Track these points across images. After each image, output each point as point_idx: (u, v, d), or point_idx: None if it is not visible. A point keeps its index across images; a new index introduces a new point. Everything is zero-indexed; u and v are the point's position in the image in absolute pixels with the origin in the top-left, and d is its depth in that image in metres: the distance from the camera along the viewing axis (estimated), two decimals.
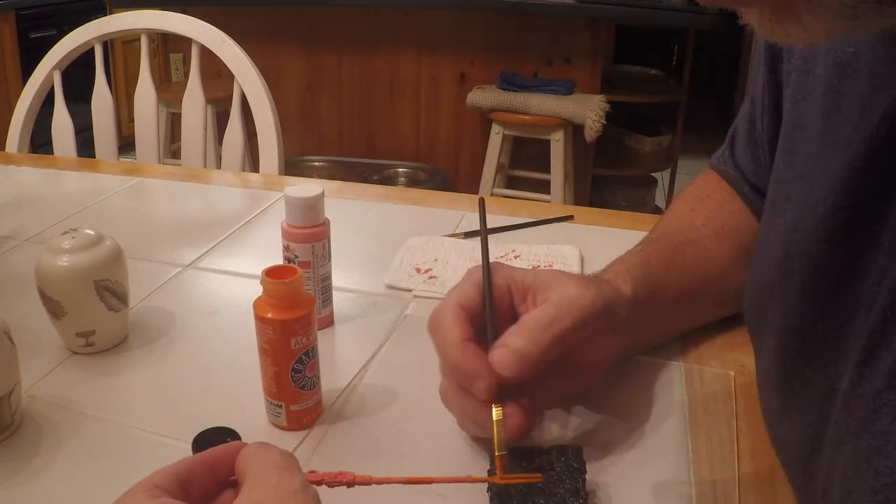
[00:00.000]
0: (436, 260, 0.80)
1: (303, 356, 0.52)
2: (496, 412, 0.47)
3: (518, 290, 0.52)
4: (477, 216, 0.56)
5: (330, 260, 0.66)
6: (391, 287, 0.75)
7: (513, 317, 0.52)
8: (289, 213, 0.63)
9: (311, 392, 0.53)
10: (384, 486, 0.39)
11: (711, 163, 0.69)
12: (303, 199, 0.62)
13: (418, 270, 0.78)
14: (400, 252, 0.82)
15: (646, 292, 0.57)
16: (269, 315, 0.51)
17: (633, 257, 0.60)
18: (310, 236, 0.64)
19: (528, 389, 0.50)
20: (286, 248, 0.64)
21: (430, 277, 0.76)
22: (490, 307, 0.51)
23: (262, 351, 0.52)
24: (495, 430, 0.46)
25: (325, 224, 0.64)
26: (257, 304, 0.51)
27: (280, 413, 0.53)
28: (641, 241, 0.64)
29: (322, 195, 0.63)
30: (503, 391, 0.48)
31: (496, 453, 0.45)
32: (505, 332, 0.49)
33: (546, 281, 0.52)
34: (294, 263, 0.64)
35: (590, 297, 0.51)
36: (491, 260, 0.53)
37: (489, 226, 0.57)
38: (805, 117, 0.43)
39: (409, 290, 0.75)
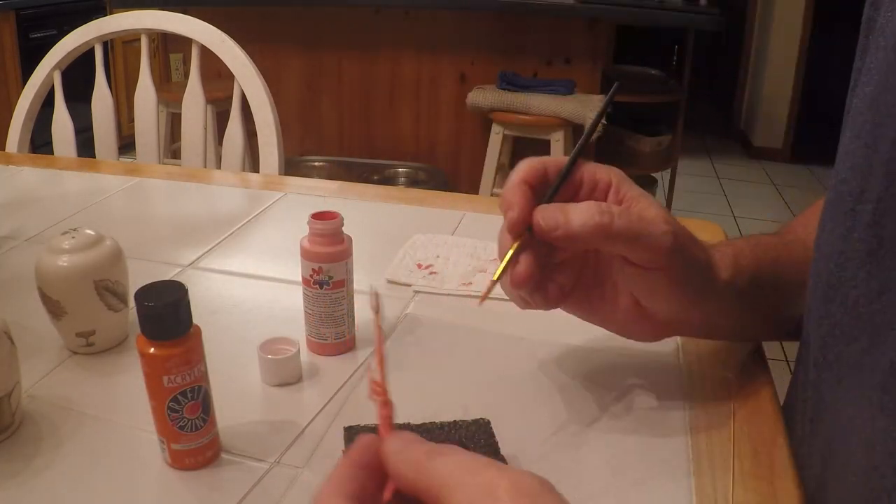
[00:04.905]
0: (437, 256, 0.80)
1: (178, 396, 0.48)
2: (514, 247, 0.48)
3: (600, 187, 0.51)
4: (477, 216, 0.56)
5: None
6: (391, 282, 0.76)
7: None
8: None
9: (193, 434, 0.50)
10: None
11: None
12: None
13: (420, 266, 0.78)
14: (403, 248, 0.82)
15: (747, 271, 0.54)
16: (147, 349, 0.48)
17: (740, 240, 0.58)
18: (343, 253, 0.61)
19: (564, 279, 0.51)
20: (317, 272, 0.61)
21: (431, 273, 0.77)
22: (567, 168, 0.50)
23: (145, 383, 0.50)
24: (504, 261, 0.48)
25: (349, 238, 0.62)
26: (139, 337, 0.48)
27: (164, 448, 0.51)
28: (733, 238, 0.61)
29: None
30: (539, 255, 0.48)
31: (493, 278, 0.48)
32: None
33: (637, 197, 0.50)
34: (329, 285, 0.61)
35: (668, 238, 0.48)
36: (490, 258, 0.53)
37: (485, 234, 0.56)
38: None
39: (409, 286, 0.75)
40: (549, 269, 0.51)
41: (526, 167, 0.50)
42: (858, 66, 0.47)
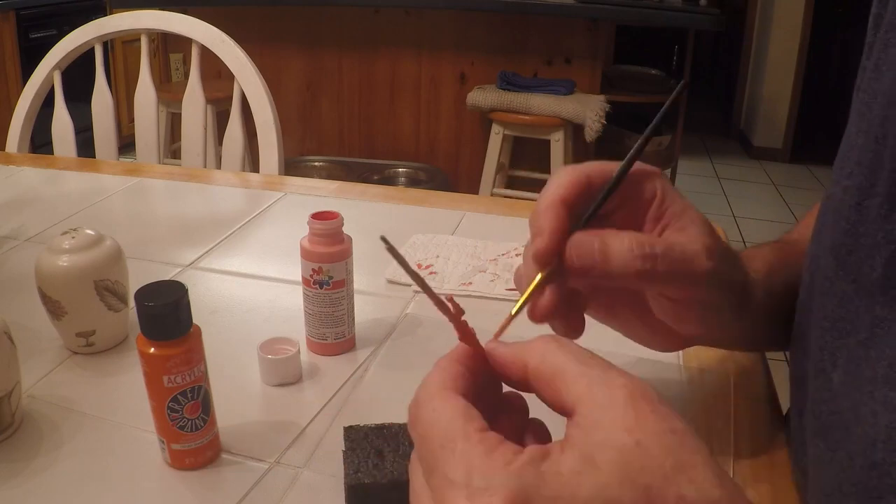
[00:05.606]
0: (437, 256, 0.80)
1: (178, 396, 0.48)
2: (538, 279, 0.43)
3: (645, 197, 0.49)
4: (477, 216, 0.56)
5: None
6: (391, 282, 0.76)
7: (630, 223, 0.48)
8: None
9: (193, 434, 0.50)
10: None
11: None
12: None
13: (420, 266, 0.78)
14: (403, 248, 0.82)
15: (778, 288, 0.53)
16: (147, 349, 0.47)
17: (771, 252, 0.56)
18: (343, 253, 0.61)
19: (595, 301, 0.49)
20: (317, 272, 0.61)
21: (431, 273, 0.77)
22: (613, 186, 0.46)
23: (145, 383, 0.50)
24: (526, 293, 0.43)
25: (349, 238, 0.63)
26: (139, 337, 0.48)
27: (164, 448, 0.51)
28: (761, 244, 0.59)
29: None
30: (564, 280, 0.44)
31: (512, 312, 0.43)
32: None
33: (679, 214, 0.48)
34: (329, 285, 0.61)
35: (709, 276, 0.46)
36: (490, 258, 0.52)
37: (482, 238, 0.56)
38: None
39: (409, 286, 0.75)
40: (575, 297, 0.47)
41: (566, 181, 0.45)
42: (865, 64, 0.47)
